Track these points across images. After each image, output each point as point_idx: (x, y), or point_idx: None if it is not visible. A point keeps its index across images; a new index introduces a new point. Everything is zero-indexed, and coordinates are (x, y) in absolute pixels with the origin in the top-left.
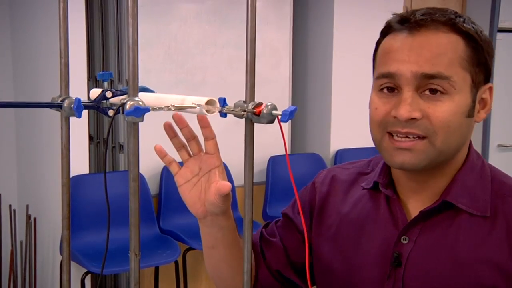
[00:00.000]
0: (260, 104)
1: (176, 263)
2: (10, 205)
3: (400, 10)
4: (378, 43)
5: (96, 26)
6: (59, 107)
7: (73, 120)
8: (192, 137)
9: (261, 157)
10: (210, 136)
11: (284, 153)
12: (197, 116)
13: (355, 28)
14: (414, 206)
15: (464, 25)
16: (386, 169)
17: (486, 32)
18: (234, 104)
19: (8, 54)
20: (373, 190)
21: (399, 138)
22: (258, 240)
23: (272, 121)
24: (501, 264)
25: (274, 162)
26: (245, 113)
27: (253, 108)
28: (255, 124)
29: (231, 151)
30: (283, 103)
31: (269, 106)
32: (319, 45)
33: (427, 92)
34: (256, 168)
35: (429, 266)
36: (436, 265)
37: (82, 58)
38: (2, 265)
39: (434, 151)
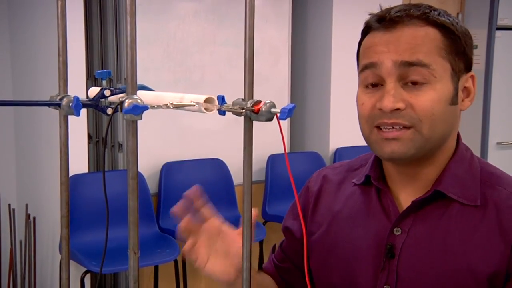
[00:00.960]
0: (259, 102)
1: (176, 262)
2: (9, 205)
3: None
4: (359, 43)
5: (95, 25)
6: (57, 105)
7: (72, 119)
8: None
9: (260, 155)
10: (203, 203)
11: (281, 151)
12: (187, 193)
13: (354, 26)
14: (405, 198)
15: (439, 17)
16: (377, 163)
17: (485, 30)
18: (233, 102)
19: (6, 53)
20: (364, 185)
21: (387, 130)
22: (274, 271)
23: (271, 119)
24: (492, 251)
25: (273, 160)
26: (243, 111)
27: (252, 106)
28: (254, 122)
29: (230, 150)
30: (282, 101)
31: (267, 104)
32: (318, 43)
33: (409, 83)
34: (255, 167)
35: (422, 256)
36: (429, 255)
37: (81, 56)
38: (1, 264)
39: (421, 139)
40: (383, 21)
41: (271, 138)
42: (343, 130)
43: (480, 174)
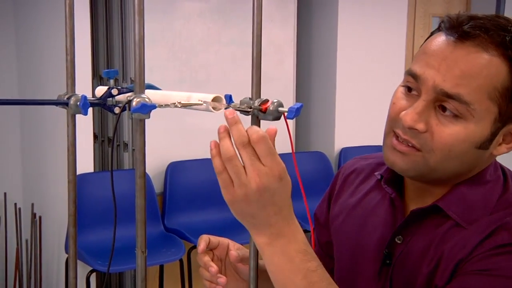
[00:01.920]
0: (267, 101)
1: (181, 261)
2: (15, 204)
3: (404, 6)
4: (430, 34)
5: (101, 24)
6: (65, 104)
7: (77, 118)
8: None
9: None
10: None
11: (289, 150)
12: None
13: (360, 25)
14: (414, 207)
15: None
16: None
17: None
18: (240, 101)
19: (12, 52)
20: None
21: (399, 140)
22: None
23: (278, 118)
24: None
25: None
26: (251, 110)
27: (260, 105)
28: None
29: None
30: (288, 101)
31: (275, 103)
32: (323, 42)
33: (442, 110)
34: None
35: (412, 267)
36: (420, 268)
37: (87, 56)
38: (8, 263)
39: (425, 167)
40: (454, 29)
41: (276, 138)
42: (349, 130)
43: (496, 203)
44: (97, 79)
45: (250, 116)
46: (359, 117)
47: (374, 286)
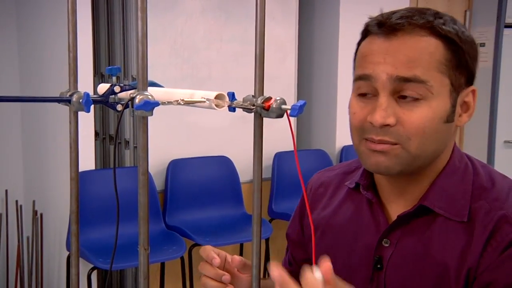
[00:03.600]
0: (269, 98)
1: (182, 259)
2: (16, 201)
3: (406, 3)
4: (357, 46)
5: (102, 22)
6: (68, 101)
7: (79, 115)
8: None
9: (266, 153)
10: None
11: (290, 148)
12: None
13: (361, 23)
14: (395, 209)
15: (444, 27)
16: (368, 171)
17: (493, 27)
18: (243, 98)
19: (14, 49)
20: (355, 190)
21: (374, 142)
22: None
23: (281, 116)
24: (471, 264)
25: (279, 158)
26: (254, 107)
27: (262, 103)
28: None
29: (237, 147)
30: (289, 99)
31: (278, 101)
32: (325, 40)
33: (403, 98)
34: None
35: (406, 270)
36: (413, 268)
37: (88, 53)
38: (9, 260)
39: (408, 157)
40: (383, 27)
41: (277, 136)
42: None
43: (472, 188)
44: (99, 76)
45: (253, 114)
46: None
47: None
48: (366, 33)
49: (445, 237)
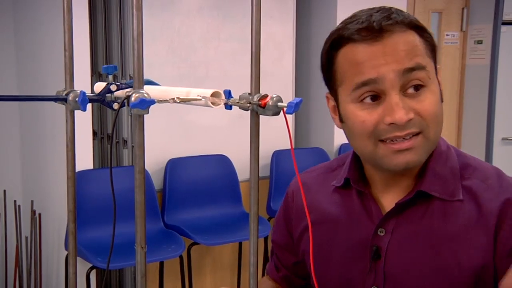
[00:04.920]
0: (266, 96)
1: (181, 257)
2: (15, 201)
3: (403, 5)
4: (331, 57)
5: (99, 21)
6: (64, 100)
7: (77, 115)
8: None
9: (264, 151)
10: None
11: (289, 146)
12: None
13: None
14: (388, 199)
15: (412, 19)
16: (356, 165)
17: (490, 25)
18: (240, 96)
19: (11, 48)
20: (343, 188)
21: (398, 141)
22: (277, 278)
23: (277, 113)
24: (475, 244)
25: (278, 156)
26: (250, 105)
27: (259, 100)
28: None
29: (235, 146)
30: (287, 97)
31: (274, 98)
32: (322, 38)
33: (410, 90)
34: (260, 163)
35: (407, 255)
36: (414, 253)
37: (85, 52)
38: (7, 260)
39: (429, 144)
40: (368, 32)
41: (275, 134)
42: None
43: (459, 167)
44: (96, 75)
45: (249, 112)
46: None
47: (364, 284)
48: (341, 43)
49: (443, 220)
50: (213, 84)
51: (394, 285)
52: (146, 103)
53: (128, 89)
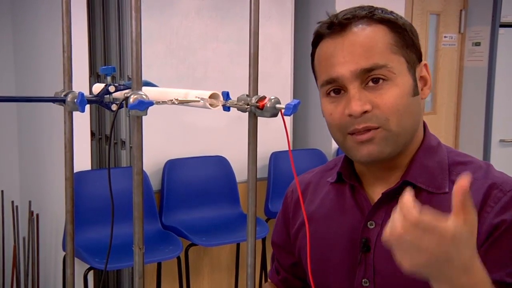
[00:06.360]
0: (264, 97)
1: (179, 259)
2: (12, 201)
3: (401, 7)
4: (312, 54)
5: (98, 22)
6: (62, 101)
7: (75, 116)
8: None
9: (262, 153)
10: None
11: (287, 148)
12: None
13: None
14: (378, 191)
15: (383, 14)
16: (348, 161)
17: (488, 27)
18: (238, 98)
19: (9, 49)
20: (338, 183)
21: (360, 133)
22: (277, 281)
23: (275, 115)
24: None
25: (276, 157)
26: (248, 106)
27: (257, 102)
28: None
29: (233, 147)
30: (285, 99)
31: (272, 100)
32: None
33: (371, 83)
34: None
35: None
36: None
37: (84, 53)
38: (5, 261)
39: (392, 136)
40: (332, 27)
41: (273, 135)
42: None
43: (448, 163)
44: (94, 76)
45: (247, 113)
46: None
47: (354, 277)
48: (317, 40)
49: (431, 210)
50: (211, 85)
51: (384, 278)
52: (144, 105)
53: (127, 90)
